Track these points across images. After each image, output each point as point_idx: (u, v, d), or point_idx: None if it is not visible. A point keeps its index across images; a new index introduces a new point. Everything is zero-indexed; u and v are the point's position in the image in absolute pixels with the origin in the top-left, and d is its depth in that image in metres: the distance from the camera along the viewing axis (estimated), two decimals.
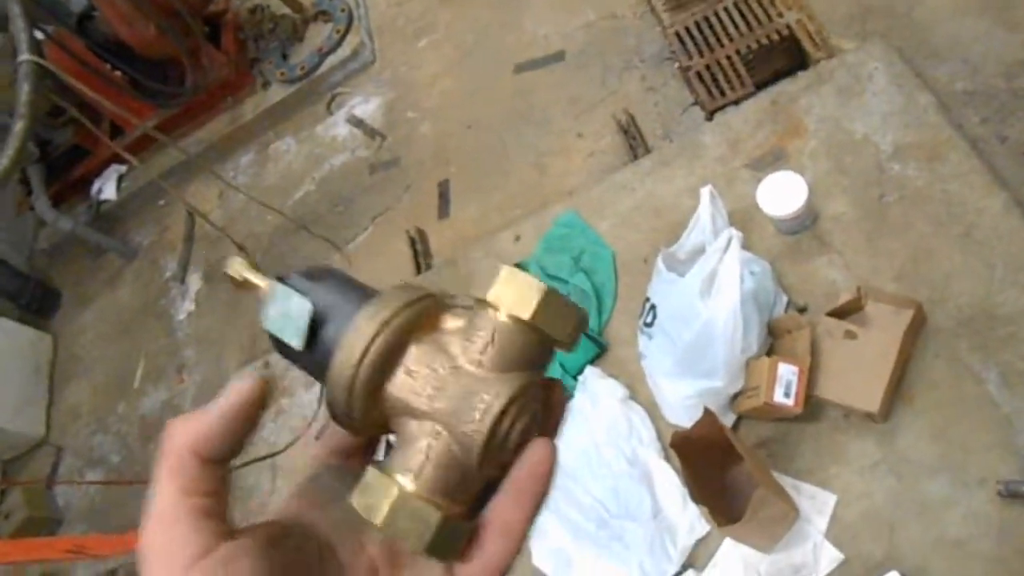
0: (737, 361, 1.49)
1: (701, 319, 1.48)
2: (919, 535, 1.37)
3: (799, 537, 1.42)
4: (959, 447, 1.40)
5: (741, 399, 1.53)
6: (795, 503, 1.44)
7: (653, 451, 1.59)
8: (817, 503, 1.44)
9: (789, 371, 1.44)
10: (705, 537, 1.49)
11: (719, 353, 1.47)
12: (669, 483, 1.55)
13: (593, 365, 1.75)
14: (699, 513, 1.48)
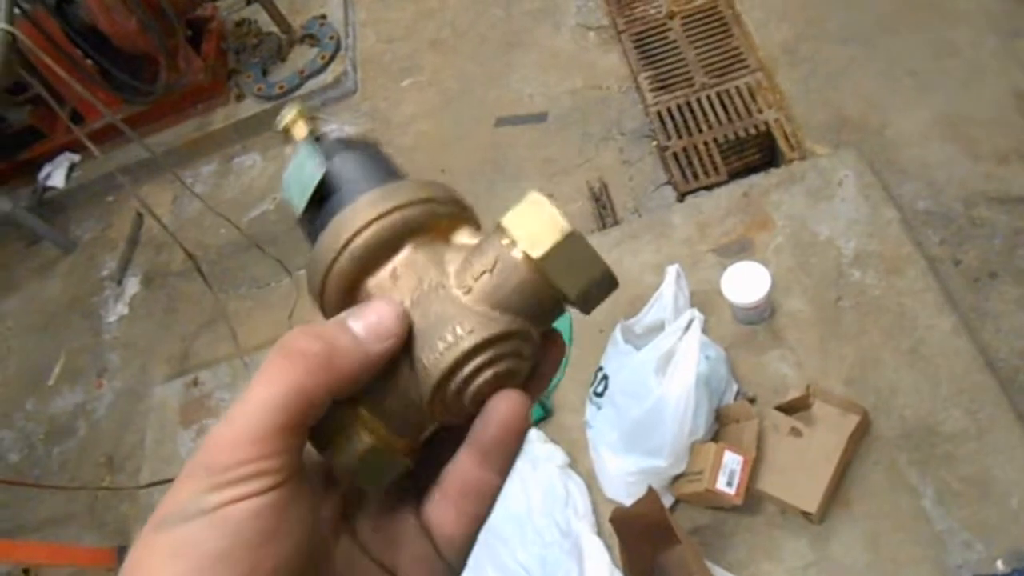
0: (684, 443, 1.47)
1: (653, 396, 1.47)
2: None
3: None
4: (890, 559, 1.40)
5: (682, 482, 1.51)
6: None
7: (587, 524, 1.56)
8: None
9: (734, 460, 1.43)
10: None
11: (667, 432, 1.45)
12: (599, 559, 1.51)
13: (537, 428, 1.71)
14: None
